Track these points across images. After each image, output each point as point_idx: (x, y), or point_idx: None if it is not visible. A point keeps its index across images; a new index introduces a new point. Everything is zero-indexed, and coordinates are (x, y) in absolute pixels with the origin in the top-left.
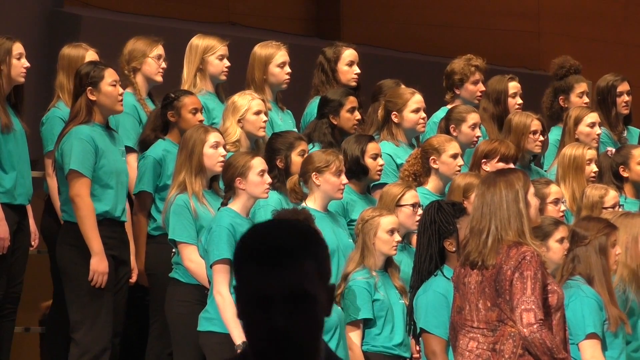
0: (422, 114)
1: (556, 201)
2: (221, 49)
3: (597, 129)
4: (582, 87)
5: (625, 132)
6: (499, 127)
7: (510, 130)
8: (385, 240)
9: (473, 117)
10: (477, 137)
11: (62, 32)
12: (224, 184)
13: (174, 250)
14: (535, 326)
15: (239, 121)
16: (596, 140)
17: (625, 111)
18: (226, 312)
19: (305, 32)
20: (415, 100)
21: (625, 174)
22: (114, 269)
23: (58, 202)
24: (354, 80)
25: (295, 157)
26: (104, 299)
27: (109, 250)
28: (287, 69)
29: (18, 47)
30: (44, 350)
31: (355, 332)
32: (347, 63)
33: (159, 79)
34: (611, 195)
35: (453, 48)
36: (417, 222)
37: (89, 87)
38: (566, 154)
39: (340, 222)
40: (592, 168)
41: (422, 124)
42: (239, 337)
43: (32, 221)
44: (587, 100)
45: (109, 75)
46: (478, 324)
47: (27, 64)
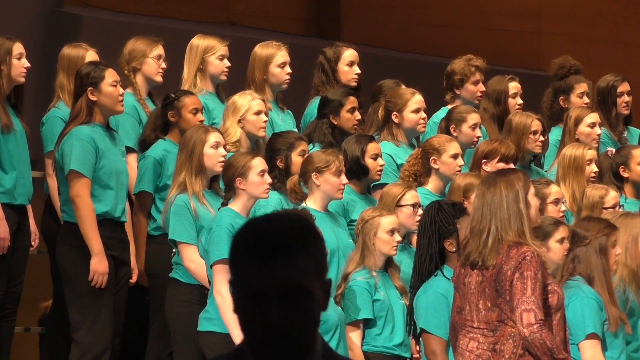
0: (423, 114)
1: (556, 201)
2: (221, 49)
3: (597, 129)
4: (582, 87)
5: (626, 133)
6: (499, 127)
7: (511, 131)
8: (385, 240)
9: (473, 118)
10: (478, 137)
11: (62, 32)
12: (224, 184)
13: (174, 250)
14: (535, 326)
15: (239, 121)
16: (596, 140)
17: (625, 111)
18: (226, 312)
19: (305, 32)
20: (416, 100)
21: (626, 174)
22: (114, 269)
23: (58, 202)
24: (354, 80)
25: (295, 157)
26: (104, 299)
27: (109, 251)
28: (287, 69)
29: (18, 47)
30: (43, 350)
31: (355, 332)
32: (348, 63)
33: (159, 79)
34: (611, 196)
35: (453, 48)
36: (417, 222)
37: (90, 88)
38: (566, 154)
39: (340, 222)
40: (592, 168)
41: (423, 124)
42: (239, 337)
43: (32, 221)
44: (587, 100)
45: (109, 76)
46: (478, 324)
47: (28, 64)
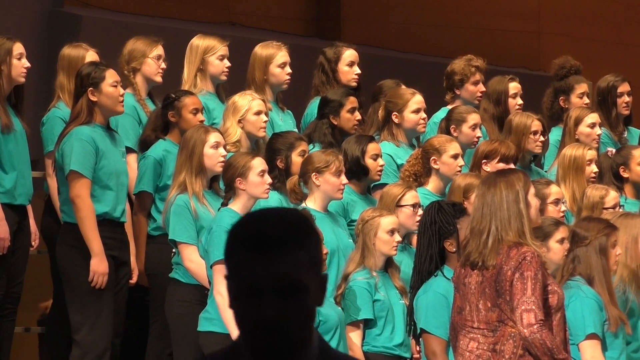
0: (423, 115)
1: (556, 202)
2: (221, 49)
3: (597, 130)
4: (582, 87)
5: (626, 133)
6: (499, 127)
7: (511, 131)
8: (385, 240)
9: (474, 118)
10: (478, 137)
11: (62, 32)
12: (224, 184)
13: (174, 250)
14: (535, 327)
15: (240, 121)
16: (596, 140)
17: (625, 112)
18: (226, 312)
19: (305, 32)
20: (416, 100)
21: (626, 175)
22: (114, 269)
23: (58, 202)
24: (355, 80)
25: (295, 157)
26: (105, 299)
27: (109, 251)
28: (287, 69)
29: (18, 47)
30: (43, 351)
31: (355, 333)
32: (348, 63)
33: (159, 80)
34: (612, 196)
35: (453, 48)
36: (418, 222)
37: (90, 88)
38: (566, 154)
39: (340, 223)
40: (592, 168)
41: (423, 125)
42: None
43: (32, 221)
44: (587, 100)
45: (110, 76)
46: (478, 325)
47: (28, 64)
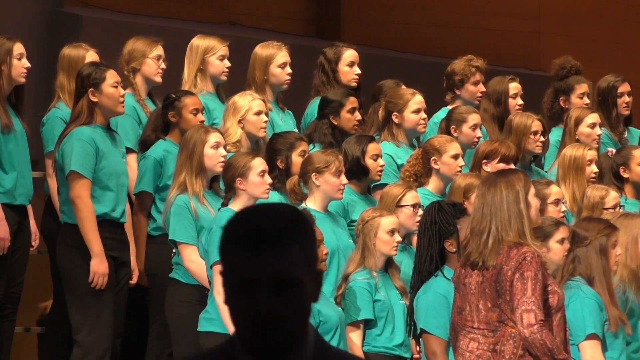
0: (423, 115)
1: (557, 202)
2: (222, 49)
3: (597, 130)
4: (582, 87)
5: (626, 133)
6: (499, 127)
7: (511, 131)
8: (385, 240)
9: (474, 118)
10: (478, 137)
11: (62, 32)
12: (224, 184)
13: (174, 250)
14: (535, 327)
15: (240, 121)
16: (597, 141)
17: (625, 112)
18: (226, 312)
19: (305, 32)
20: (416, 100)
21: (626, 175)
22: (114, 270)
23: (58, 202)
24: (355, 80)
25: (295, 157)
26: (105, 299)
27: (109, 252)
28: (288, 69)
29: (19, 48)
30: (42, 351)
31: (355, 333)
32: (348, 63)
33: (159, 80)
34: (612, 196)
35: (453, 48)
36: (418, 222)
37: (91, 89)
38: (566, 154)
39: (340, 223)
40: (593, 169)
41: (423, 125)
42: None
43: (32, 221)
44: (587, 101)
45: (110, 77)
46: (478, 325)
47: (28, 64)
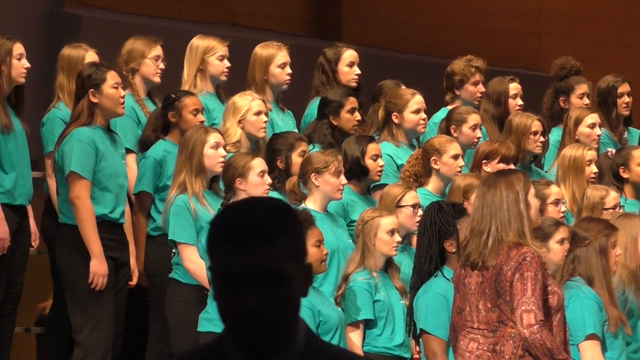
0: (423, 115)
1: (556, 202)
2: (221, 49)
3: (597, 130)
4: (582, 88)
5: (626, 133)
6: (499, 128)
7: (511, 131)
8: (385, 240)
9: (474, 118)
10: (478, 138)
11: (62, 32)
12: (224, 184)
13: (173, 250)
14: (535, 327)
15: (240, 122)
16: (596, 141)
17: (625, 112)
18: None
19: (305, 32)
20: (416, 101)
21: (626, 175)
22: (113, 270)
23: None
24: (355, 81)
25: (295, 157)
26: (105, 300)
27: (109, 252)
28: (287, 69)
29: (19, 48)
30: (41, 351)
31: (355, 333)
32: (348, 64)
33: (157, 80)
34: (612, 196)
35: (453, 49)
36: (417, 223)
37: (91, 89)
38: (566, 154)
39: (340, 223)
40: (592, 169)
41: (423, 125)
42: None
43: (32, 221)
44: (587, 101)
45: (111, 78)
46: (478, 325)
47: (28, 65)
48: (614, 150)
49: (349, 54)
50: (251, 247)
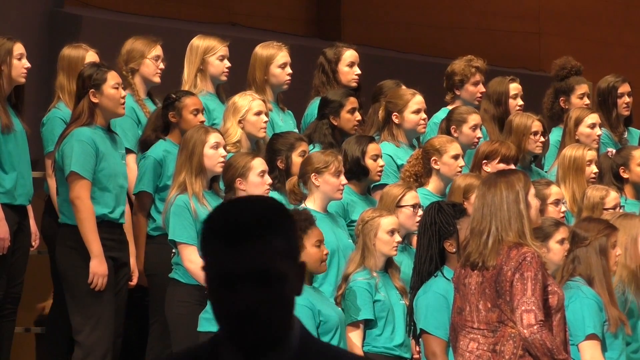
0: (423, 115)
1: (557, 202)
2: (222, 49)
3: (597, 130)
4: (582, 88)
5: (626, 133)
6: (499, 128)
7: (511, 131)
8: (385, 240)
9: (474, 118)
10: (478, 138)
11: (62, 32)
12: (224, 184)
13: (173, 250)
14: (535, 327)
15: (240, 122)
16: (596, 141)
17: (625, 112)
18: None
19: (305, 32)
20: (416, 101)
21: (626, 175)
22: (113, 271)
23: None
24: (355, 81)
25: (295, 157)
26: (105, 300)
27: (108, 252)
28: (288, 69)
29: (19, 48)
30: (41, 351)
31: (355, 333)
32: (348, 64)
33: (157, 80)
34: (612, 197)
35: (454, 49)
36: (418, 223)
37: (92, 90)
38: (566, 155)
39: (340, 223)
40: (592, 169)
41: (423, 125)
42: None
43: (32, 221)
44: (587, 101)
45: (111, 78)
46: (478, 325)
47: (28, 65)
48: (614, 151)
49: (349, 54)
50: (245, 246)
